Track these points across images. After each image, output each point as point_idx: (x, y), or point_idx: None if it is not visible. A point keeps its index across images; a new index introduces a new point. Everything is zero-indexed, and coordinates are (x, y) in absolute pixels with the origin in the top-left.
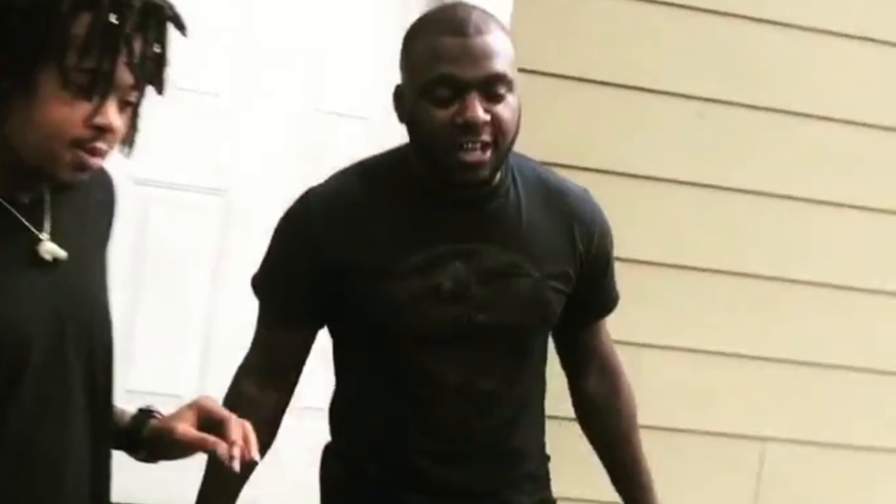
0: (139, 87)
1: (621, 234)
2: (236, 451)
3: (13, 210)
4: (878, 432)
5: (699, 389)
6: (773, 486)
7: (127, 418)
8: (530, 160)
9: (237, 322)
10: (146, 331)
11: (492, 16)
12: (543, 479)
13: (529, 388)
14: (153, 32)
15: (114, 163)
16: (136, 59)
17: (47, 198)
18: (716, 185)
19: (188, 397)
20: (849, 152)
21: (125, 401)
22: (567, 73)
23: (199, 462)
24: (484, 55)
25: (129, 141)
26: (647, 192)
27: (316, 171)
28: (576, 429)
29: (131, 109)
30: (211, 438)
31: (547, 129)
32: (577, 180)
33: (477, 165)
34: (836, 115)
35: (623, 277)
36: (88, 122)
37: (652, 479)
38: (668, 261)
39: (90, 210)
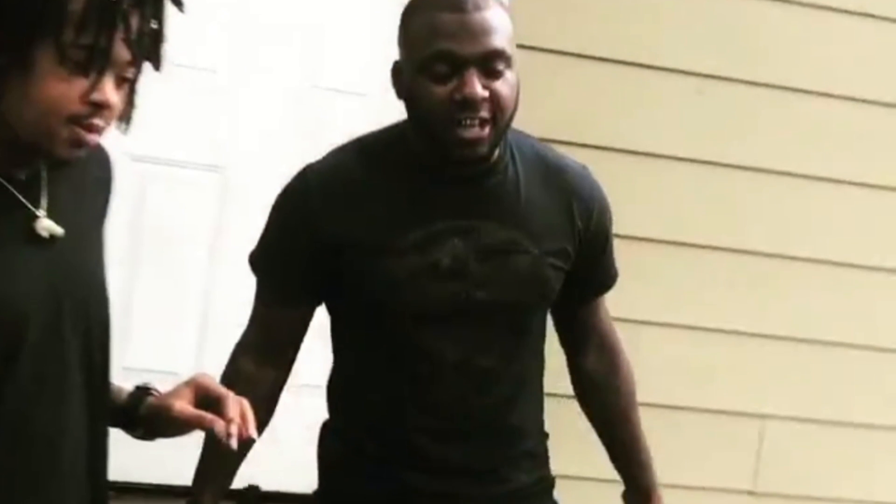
0: (136, 64)
1: (620, 211)
2: (234, 429)
3: (10, 187)
4: (878, 410)
5: (698, 367)
6: (773, 464)
7: (124, 396)
8: (529, 137)
9: (235, 299)
10: (143, 308)
11: None
12: (542, 457)
13: (528, 365)
14: (150, 8)
15: (111, 139)
16: (134, 35)
17: (44, 174)
18: (715, 161)
19: (185, 374)
20: (848, 128)
21: (122, 378)
22: (566, 50)
23: (196, 440)
24: (482, 31)
25: (126, 117)
26: (646, 168)
27: (314, 148)
28: (575, 406)
29: (128, 86)
30: (208, 416)
31: (545, 106)
32: (576, 157)
33: (475, 142)
34: (836, 92)
35: (622, 254)
36: (85, 98)
37: (651, 457)
38: (668, 237)
39: (87, 187)
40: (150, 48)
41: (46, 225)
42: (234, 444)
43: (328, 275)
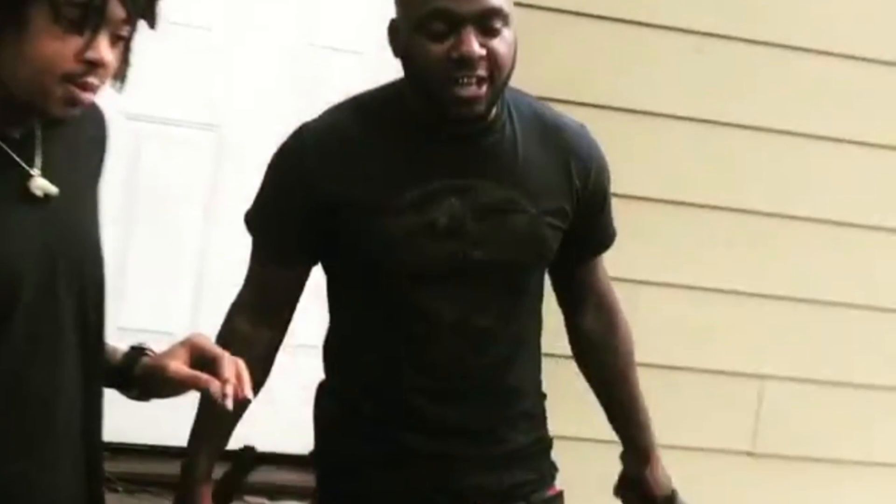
0: (131, 21)
1: (618, 170)
2: (229, 389)
3: (4, 146)
4: (878, 370)
5: (697, 327)
6: (772, 424)
7: (119, 356)
8: (526, 95)
9: (230, 258)
10: (138, 267)
11: None
12: (539, 417)
13: (525, 325)
14: None
15: (106, 98)
16: None
17: (38, 133)
18: (714, 120)
19: (180, 335)
20: (848, 87)
21: (117, 338)
22: (564, 7)
23: (191, 400)
24: None
25: (120, 76)
26: (645, 127)
27: (310, 106)
28: (572, 366)
29: (123, 44)
30: (203, 376)
31: (543, 64)
32: (574, 115)
33: (472, 100)
34: (835, 50)
35: (620, 213)
36: (80, 56)
37: (649, 417)
38: (666, 197)
39: (82, 145)
40: (144, 6)
41: (41, 184)
42: (229, 404)
43: (324, 234)
